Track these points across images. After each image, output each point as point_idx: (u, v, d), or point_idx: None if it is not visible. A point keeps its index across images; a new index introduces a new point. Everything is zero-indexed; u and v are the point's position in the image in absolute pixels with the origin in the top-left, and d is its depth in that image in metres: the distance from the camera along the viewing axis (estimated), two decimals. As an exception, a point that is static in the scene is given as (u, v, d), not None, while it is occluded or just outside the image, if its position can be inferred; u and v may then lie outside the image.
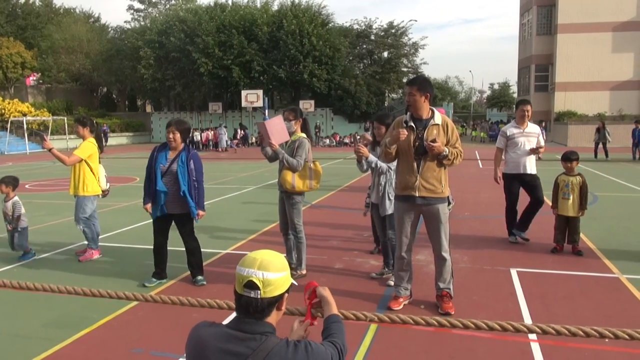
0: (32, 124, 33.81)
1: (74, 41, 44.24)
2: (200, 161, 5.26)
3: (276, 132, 5.24)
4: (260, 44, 37.81)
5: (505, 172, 6.80)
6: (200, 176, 5.20)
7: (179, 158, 5.09)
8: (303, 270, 5.53)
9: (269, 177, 15.24)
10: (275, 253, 1.71)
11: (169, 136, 5.13)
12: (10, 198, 6.32)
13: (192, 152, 5.22)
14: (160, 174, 5.08)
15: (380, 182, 5.17)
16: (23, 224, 6.33)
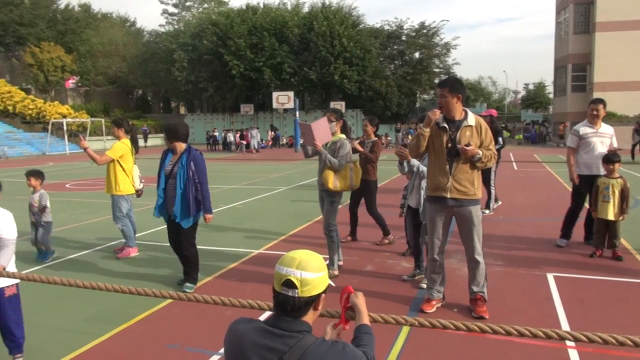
0: (71, 126, 34.95)
1: (111, 45, 45.55)
2: (202, 162, 5.09)
3: (321, 132, 5.34)
4: (291, 45, 38.06)
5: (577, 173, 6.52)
6: (203, 177, 5.04)
7: (180, 161, 5.03)
8: (335, 270, 5.57)
9: (300, 178, 15.33)
10: (314, 253, 1.74)
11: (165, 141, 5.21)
12: (38, 190, 6.51)
13: (193, 154, 5.06)
14: (165, 177, 5.13)
15: (421, 186, 5.08)
16: (47, 217, 6.49)
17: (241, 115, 41.77)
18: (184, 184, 4.97)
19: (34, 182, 6.44)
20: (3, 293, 3.37)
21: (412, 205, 5.25)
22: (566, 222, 6.69)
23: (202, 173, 5.03)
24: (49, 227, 6.51)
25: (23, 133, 35.89)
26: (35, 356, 3.62)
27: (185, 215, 5.01)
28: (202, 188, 5.02)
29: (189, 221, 5.07)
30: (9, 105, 37.50)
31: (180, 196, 4.97)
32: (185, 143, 5.16)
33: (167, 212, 5.14)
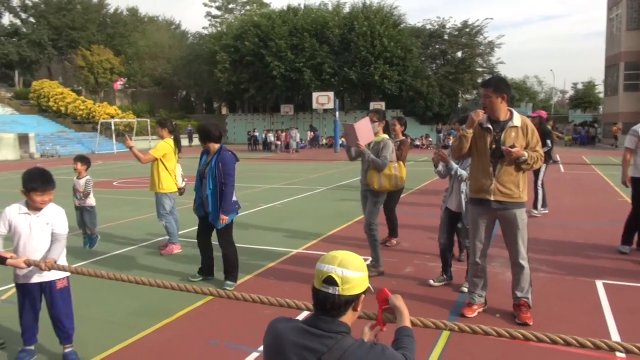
0: (119, 126, 36.23)
1: (157, 48, 47.01)
2: (231, 163, 5.13)
3: (364, 133, 5.36)
4: (331, 46, 38.12)
5: (634, 175, 6.22)
6: (229, 178, 5.06)
7: (211, 161, 5.15)
8: (381, 267, 5.61)
9: (339, 179, 15.33)
10: (355, 254, 1.74)
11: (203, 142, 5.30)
12: (84, 176, 6.79)
13: (222, 155, 5.11)
14: (200, 177, 5.27)
15: (461, 190, 4.99)
16: (92, 202, 6.81)
17: (281, 115, 42.16)
18: (214, 184, 5.08)
19: (80, 167, 6.73)
20: (55, 285, 3.52)
21: (452, 208, 5.13)
22: (627, 227, 6.38)
23: (227, 174, 5.07)
24: (93, 210, 6.84)
25: (74, 133, 37.50)
26: (83, 347, 3.76)
27: (219, 215, 5.10)
28: (225, 188, 5.08)
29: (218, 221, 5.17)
30: (62, 106, 39.26)
31: (211, 197, 5.10)
32: (218, 144, 5.24)
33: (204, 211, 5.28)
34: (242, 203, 10.97)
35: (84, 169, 6.77)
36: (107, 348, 3.84)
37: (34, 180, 3.37)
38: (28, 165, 24.44)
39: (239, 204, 5.41)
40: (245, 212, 9.77)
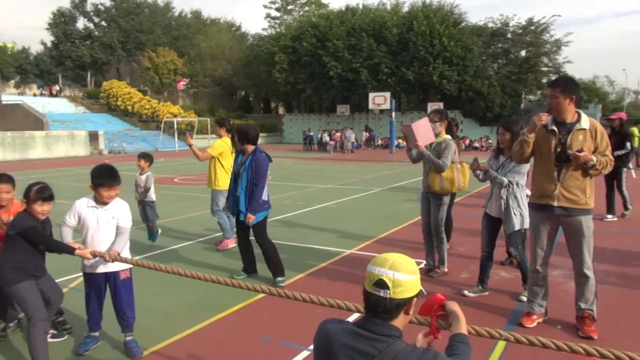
0: (181, 124, 37.63)
1: (218, 49, 48.43)
2: (263, 164, 5.22)
3: (422, 133, 5.25)
4: (389, 46, 37.79)
5: None
6: (260, 178, 5.13)
7: (246, 161, 5.25)
8: (445, 267, 5.58)
9: (394, 180, 15.16)
10: (407, 257, 1.71)
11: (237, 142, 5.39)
12: (145, 172, 7.06)
13: (257, 155, 5.21)
14: (235, 177, 5.38)
15: (501, 195, 4.77)
16: (152, 197, 7.07)
17: (337, 115, 42.27)
18: (246, 184, 5.20)
19: (143, 163, 7.03)
20: (118, 276, 3.70)
21: (492, 213, 4.91)
22: None
23: (259, 174, 5.17)
24: (153, 205, 7.11)
25: (139, 131, 39.34)
26: (143, 336, 3.93)
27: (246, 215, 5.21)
28: (255, 188, 5.16)
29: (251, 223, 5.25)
30: (129, 105, 41.30)
31: (243, 195, 5.22)
32: (253, 145, 5.35)
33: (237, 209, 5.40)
34: (296, 202, 11.11)
35: (146, 166, 7.07)
36: (164, 338, 3.99)
37: (101, 176, 3.55)
38: (97, 160, 25.88)
39: (269, 203, 5.49)
40: (298, 211, 9.87)
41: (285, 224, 8.58)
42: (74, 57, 50.17)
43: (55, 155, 28.84)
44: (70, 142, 30.01)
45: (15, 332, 4.11)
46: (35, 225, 3.44)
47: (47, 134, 29.62)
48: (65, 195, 8.33)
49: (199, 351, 3.78)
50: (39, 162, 25.04)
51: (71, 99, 47.00)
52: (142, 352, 3.71)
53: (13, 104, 36.05)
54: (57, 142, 29.42)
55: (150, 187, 7.05)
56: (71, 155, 29.51)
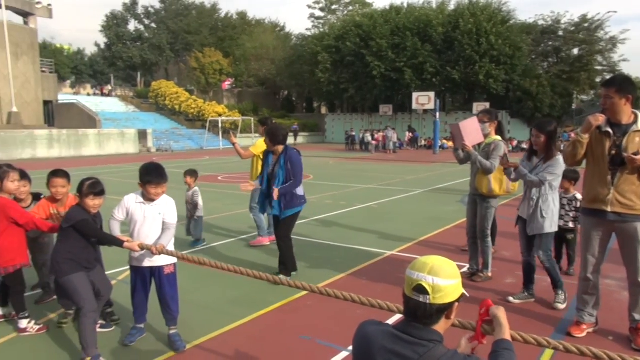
0: (225, 123, 38.36)
1: (262, 49, 49.11)
2: (298, 160, 5.36)
3: (470, 133, 5.13)
4: (434, 45, 37.21)
5: None
6: (297, 174, 5.29)
7: (279, 162, 5.37)
8: (489, 272, 5.45)
9: (438, 181, 14.92)
10: (447, 260, 1.67)
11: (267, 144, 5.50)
12: (192, 188, 7.14)
13: (289, 154, 5.35)
14: (267, 177, 5.46)
15: (531, 196, 4.59)
16: (199, 213, 7.07)
17: (380, 115, 41.99)
18: (283, 181, 5.31)
19: (189, 180, 7.12)
20: (163, 270, 3.81)
21: (523, 215, 4.74)
22: None
23: (296, 170, 5.31)
24: (199, 221, 7.13)
25: (186, 129, 40.39)
26: (186, 329, 4.03)
27: (281, 209, 5.35)
28: (293, 181, 5.28)
29: (285, 213, 5.37)
30: (176, 104, 42.47)
31: None
32: (283, 145, 5.44)
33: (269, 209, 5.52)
34: (338, 202, 11.09)
35: (192, 181, 7.12)
36: (207, 332, 4.07)
37: (149, 174, 3.66)
38: (146, 158, 26.72)
39: (304, 198, 5.61)
40: (340, 210, 9.86)
41: (326, 224, 8.60)
42: (125, 58, 52.12)
43: (106, 152, 30.01)
44: (120, 140, 31.15)
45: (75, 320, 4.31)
46: (87, 218, 3.58)
47: (99, 132, 30.85)
48: (115, 191, 8.65)
49: (240, 347, 3.84)
50: (92, 159, 26.15)
51: (122, 99, 48.82)
52: (185, 346, 3.80)
53: (69, 103, 37.76)
54: (109, 140, 30.60)
55: (197, 202, 7.07)
56: (121, 152, 30.63)
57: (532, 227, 4.57)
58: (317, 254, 6.60)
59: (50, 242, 4.72)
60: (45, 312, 4.58)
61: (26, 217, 4.01)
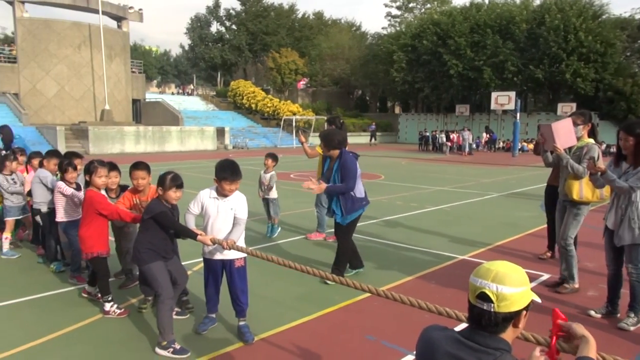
0: (299, 122, 39.02)
1: (337, 49, 49.39)
2: (352, 165, 5.28)
3: (563, 135, 4.89)
4: (516, 42, 35.55)
5: None
6: (349, 179, 5.22)
7: (334, 166, 5.36)
8: (575, 284, 5.15)
9: (515, 185, 14.25)
10: (515, 266, 1.58)
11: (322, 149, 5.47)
12: (270, 171, 7.43)
13: (344, 159, 5.30)
14: (326, 180, 5.44)
15: (620, 204, 4.23)
16: (274, 194, 7.46)
17: (455, 116, 40.82)
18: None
19: (270, 162, 7.45)
20: (234, 264, 3.95)
21: (609, 225, 4.35)
22: None
23: (348, 176, 5.24)
24: (276, 202, 7.52)
25: (261, 128, 41.56)
26: (254, 322, 4.15)
27: (342, 214, 5.32)
28: (345, 183, 5.23)
29: (345, 219, 5.33)
30: (253, 103, 43.82)
31: (336, 199, 5.34)
32: (339, 149, 5.39)
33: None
34: (408, 203, 10.94)
35: (272, 165, 7.46)
36: (273, 327, 4.17)
37: (224, 171, 3.81)
38: (223, 155, 27.78)
39: (367, 200, 5.58)
40: (411, 212, 9.71)
41: (396, 225, 8.50)
42: (207, 59, 54.47)
43: (187, 148, 31.57)
44: (200, 137, 32.63)
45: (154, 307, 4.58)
46: (165, 210, 3.79)
47: (181, 129, 32.51)
48: (192, 186, 9.06)
49: (305, 343, 3.89)
50: (173, 155, 27.62)
51: (203, 98, 51.16)
52: (253, 338, 3.92)
53: (154, 101, 40.15)
54: (189, 137, 32.15)
55: (273, 186, 7.43)
56: (200, 149, 32.09)
57: (620, 237, 4.23)
58: (386, 255, 6.54)
59: (134, 230, 5.04)
60: (127, 297, 4.90)
61: (110, 208, 4.36)
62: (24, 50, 32.21)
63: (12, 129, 9.46)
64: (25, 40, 32.22)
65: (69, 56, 33.23)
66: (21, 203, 6.44)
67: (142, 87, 41.70)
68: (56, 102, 33.23)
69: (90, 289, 4.78)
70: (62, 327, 4.15)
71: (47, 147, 25.33)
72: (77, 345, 3.85)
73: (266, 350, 3.79)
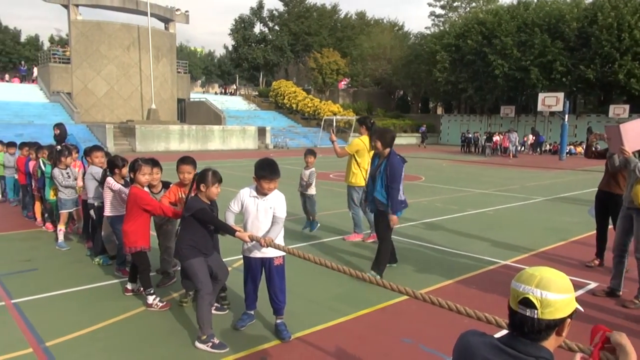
0: (339, 122, 39.02)
1: (379, 49, 49.04)
2: (398, 167, 5.29)
3: (632, 137, 4.64)
4: (565, 41, 34.27)
5: None
6: (393, 182, 5.24)
7: (382, 164, 5.38)
8: None
9: (562, 189, 13.76)
10: (559, 272, 1.53)
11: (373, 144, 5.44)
12: (310, 168, 7.52)
13: (391, 159, 5.32)
14: (372, 178, 5.46)
15: None
16: (312, 191, 7.53)
17: (500, 117, 39.80)
18: (382, 186, 5.34)
19: (310, 159, 7.55)
20: (272, 262, 3.99)
21: None
22: None
23: (393, 178, 5.24)
24: (313, 198, 7.60)
25: (301, 128, 41.82)
26: (291, 320, 4.18)
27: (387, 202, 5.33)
28: (391, 191, 5.25)
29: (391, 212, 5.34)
30: (293, 103, 44.15)
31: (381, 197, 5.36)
32: (389, 148, 5.41)
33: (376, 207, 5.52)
34: (449, 206, 10.77)
35: (312, 161, 7.57)
36: (310, 326, 4.19)
37: (263, 169, 3.85)
38: (263, 154, 28.10)
39: (405, 202, 5.57)
40: (451, 215, 9.54)
41: (435, 227, 8.37)
42: (249, 59, 55.29)
43: (228, 147, 32.14)
44: (241, 136, 33.16)
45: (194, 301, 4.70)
46: (204, 207, 3.88)
47: (223, 128, 33.12)
48: (233, 184, 9.21)
49: (341, 344, 3.89)
50: (216, 153, 28.18)
51: (245, 97, 51.96)
52: (290, 336, 3.94)
53: (198, 101, 41.08)
54: (231, 136, 32.73)
55: (312, 183, 7.52)
56: (242, 148, 32.60)
57: None
58: (425, 258, 6.46)
59: (173, 229, 5.19)
60: (169, 291, 5.04)
61: (153, 204, 4.52)
62: (77, 52, 33.64)
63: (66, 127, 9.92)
64: (79, 42, 33.65)
65: (119, 57, 34.48)
66: (74, 196, 6.75)
67: (187, 87, 42.75)
68: (106, 101, 34.53)
69: (132, 285, 4.93)
70: (107, 318, 4.31)
71: (96, 144, 26.40)
72: (121, 336, 3.99)
73: (302, 349, 3.81)
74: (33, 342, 3.85)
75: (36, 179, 7.84)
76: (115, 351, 3.73)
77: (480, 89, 38.99)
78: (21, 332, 4.04)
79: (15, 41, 62.79)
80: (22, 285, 5.19)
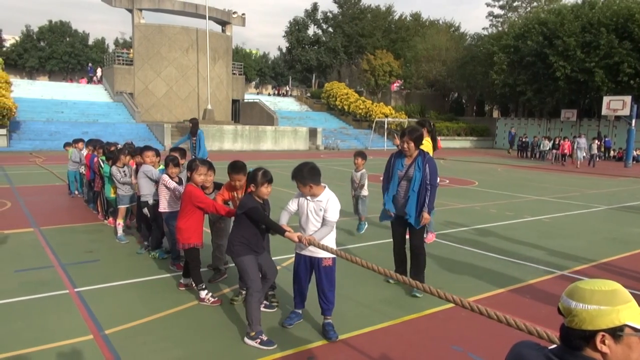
0: (391, 125, 38.69)
1: (434, 50, 48.17)
2: (435, 166, 5.12)
3: None
4: (634, 42, 32.38)
5: None
6: (434, 180, 5.07)
7: (415, 163, 5.08)
8: None
9: (627, 198, 13.02)
10: (604, 283, 1.45)
11: (403, 146, 5.11)
12: (360, 170, 7.56)
13: (428, 157, 5.15)
14: (398, 180, 5.17)
15: None
16: (365, 192, 7.57)
17: (560, 121, 38.15)
18: (419, 186, 5.04)
19: (360, 161, 7.63)
20: (321, 262, 4.01)
21: None
22: None
23: (433, 176, 5.07)
24: (365, 199, 7.66)
25: (353, 129, 41.77)
26: (339, 321, 4.19)
27: (418, 215, 5.05)
28: (431, 189, 5.05)
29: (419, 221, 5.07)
30: (345, 105, 44.16)
31: (415, 197, 5.06)
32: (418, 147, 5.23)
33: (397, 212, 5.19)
34: (504, 212, 10.47)
35: (362, 163, 7.62)
36: (358, 328, 4.18)
37: (292, 176, 3.96)
38: (314, 155, 28.34)
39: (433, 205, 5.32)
40: (506, 221, 9.25)
41: (489, 234, 8.13)
42: (303, 61, 55.83)
43: (280, 147, 32.59)
44: (293, 137, 33.53)
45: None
46: (257, 206, 3.97)
47: (275, 128, 33.62)
48: (283, 184, 9.30)
49: (388, 348, 3.86)
50: (268, 153, 28.65)
51: (297, 99, 52.51)
52: (337, 337, 3.96)
53: (252, 102, 41.92)
54: (283, 137, 33.17)
55: (364, 184, 7.55)
56: (293, 148, 32.96)
57: None
58: (477, 265, 6.29)
59: (225, 227, 5.33)
60: (220, 287, 5.18)
61: (207, 202, 4.68)
62: (140, 54, 35.16)
63: (198, 121, 11.05)
64: (141, 44, 35.15)
65: (178, 59, 35.74)
66: (130, 192, 7.07)
67: (242, 88, 43.70)
68: (165, 101, 35.88)
69: (186, 280, 5.10)
70: (161, 310, 4.49)
71: (155, 142, 27.48)
72: (174, 328, 4.14)
73: (348, 350, 3.81)
74: (94, 329, 4.07)
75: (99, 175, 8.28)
76: (169, 342, 3.87)
77: (539, 92, 37.51)
78: (83, 319, 4.28)
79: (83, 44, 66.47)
80: (84, 275, 5.49)
